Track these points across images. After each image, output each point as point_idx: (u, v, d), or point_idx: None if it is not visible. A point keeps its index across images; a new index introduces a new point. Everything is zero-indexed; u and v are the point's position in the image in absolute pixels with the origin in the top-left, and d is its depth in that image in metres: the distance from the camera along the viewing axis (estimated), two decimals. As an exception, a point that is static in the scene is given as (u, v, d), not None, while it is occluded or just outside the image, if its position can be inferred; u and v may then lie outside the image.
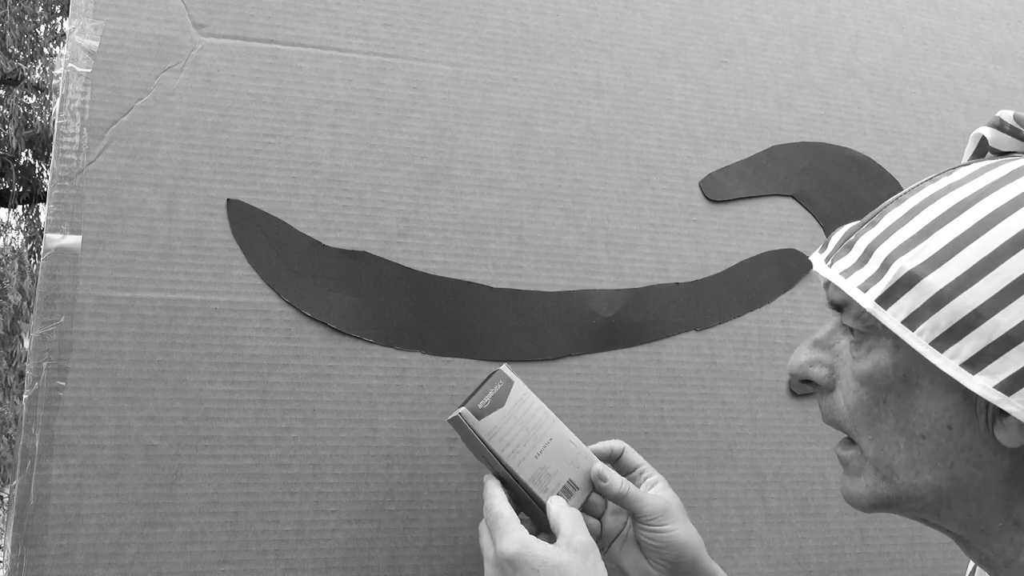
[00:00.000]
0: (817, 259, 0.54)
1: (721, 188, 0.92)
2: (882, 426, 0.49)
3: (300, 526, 0.73)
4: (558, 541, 0.62)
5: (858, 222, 0.52)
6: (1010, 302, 0.43)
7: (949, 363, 0.44)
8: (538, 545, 0.61)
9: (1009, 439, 0.45)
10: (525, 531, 0.62)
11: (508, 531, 0.62)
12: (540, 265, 0.84)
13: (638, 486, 0.72)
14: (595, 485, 0.70)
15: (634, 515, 0.70)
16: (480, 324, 0.80)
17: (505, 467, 0.68)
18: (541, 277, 0.83)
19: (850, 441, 0.52)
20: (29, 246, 6.04)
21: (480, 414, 0.68)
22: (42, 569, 0.66)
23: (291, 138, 0.79)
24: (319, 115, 0.80)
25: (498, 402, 0.69)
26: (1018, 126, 0.51)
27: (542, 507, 0.67)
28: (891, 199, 0.51)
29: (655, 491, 0.71)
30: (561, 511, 0.65)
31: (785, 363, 0.84)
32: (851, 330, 0.51)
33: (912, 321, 0.46)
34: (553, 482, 0.69)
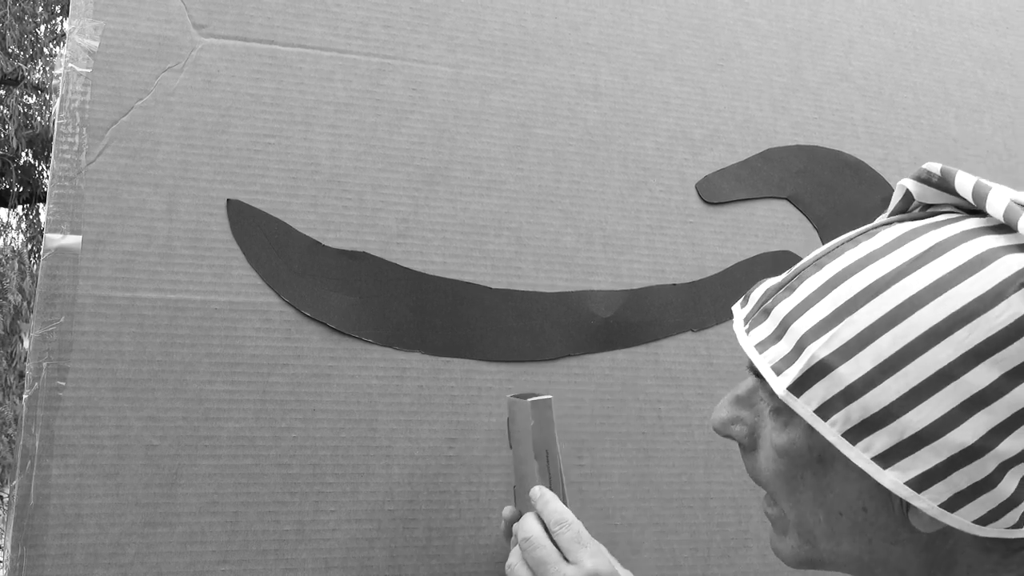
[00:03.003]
0: (738, 315, 0.53)
1: (717, 190, 0.92)
2: (801, 496, 0.49)
3: (300, 526, 0.73)
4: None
5: (777, 282, 0.51)
6: (921, 401, 0.42)
7: (861, 456, 0.44)
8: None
9: (922, 525, 0.44)
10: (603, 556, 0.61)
11: (587, 555, 0.61)
12: (539, 266, 0.84)
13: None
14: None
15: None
16: (479, 324, 0.81)
17: (562, 467, 0.68)
18: (540, 278, 0.84)
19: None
20: (29, 246, 5.99)
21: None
22: (42, 569, 0.66)
23: (291, 139, 0.79)
24: (319, 116, 0.81)
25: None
26: (943, 180, 0.48)
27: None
28: (810, 260, 0.49)
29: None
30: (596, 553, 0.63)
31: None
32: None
33: (824, 411, 0.45)
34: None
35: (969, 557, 0.46)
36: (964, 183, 0.46)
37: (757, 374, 0.51)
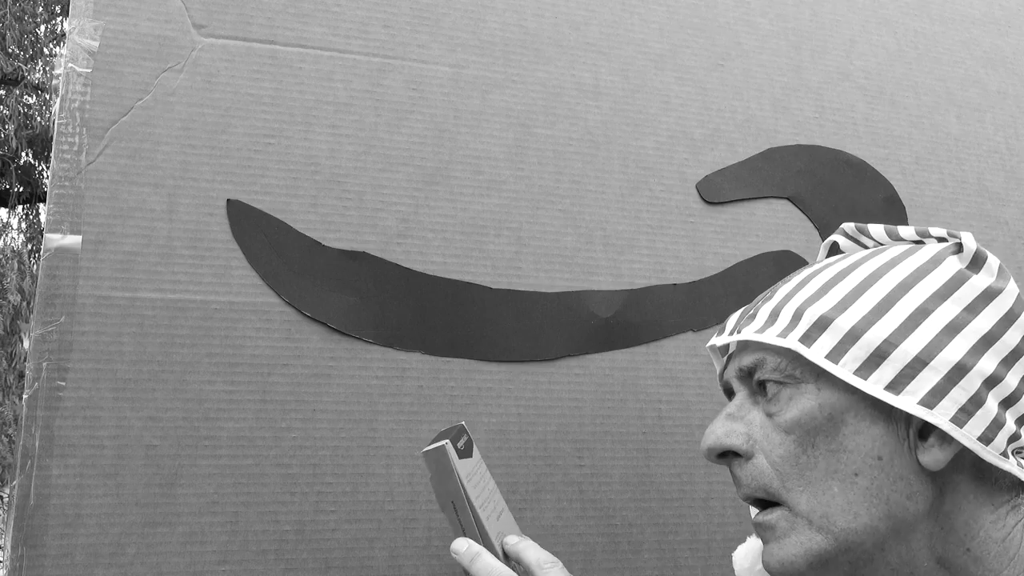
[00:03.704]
0: (720, 340, 0.58)
1: (718, 190, 0.92)
2: (813, 473, 0.51)
3: (300, 526, 0.73)
4: None
5: (751, 302, 0.58)
6: (913, 331, 0.50)
7: (875, 387, 0.49)
8: None
9: (933, 462, 0.49)
10: None
11: None
12: (539, 266, 0.84)
13: None
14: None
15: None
16: (479, 324, 0.81)
17: (475, 518, 0.62)
18: (540, 278, 0.84)
19: (770, 507, 0.53)
20: (29, 246, 6.00)
21: (460, 454, 0.63)
22: (42, 569, 0.66)
23: (291, 139, 0.79)
24: (319, 116, 0.81)
25: (467, 451, 0.64)
26: (858, 234, 0.60)
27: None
28: (777, 283, 0.58)
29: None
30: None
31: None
32: (765, 390, 0.54)
33: (834, 355, 0.51)
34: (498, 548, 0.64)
35: (965, 514, 0.50)
36: (876, 228, 0.59)
37: (750, 373, 0.55)
